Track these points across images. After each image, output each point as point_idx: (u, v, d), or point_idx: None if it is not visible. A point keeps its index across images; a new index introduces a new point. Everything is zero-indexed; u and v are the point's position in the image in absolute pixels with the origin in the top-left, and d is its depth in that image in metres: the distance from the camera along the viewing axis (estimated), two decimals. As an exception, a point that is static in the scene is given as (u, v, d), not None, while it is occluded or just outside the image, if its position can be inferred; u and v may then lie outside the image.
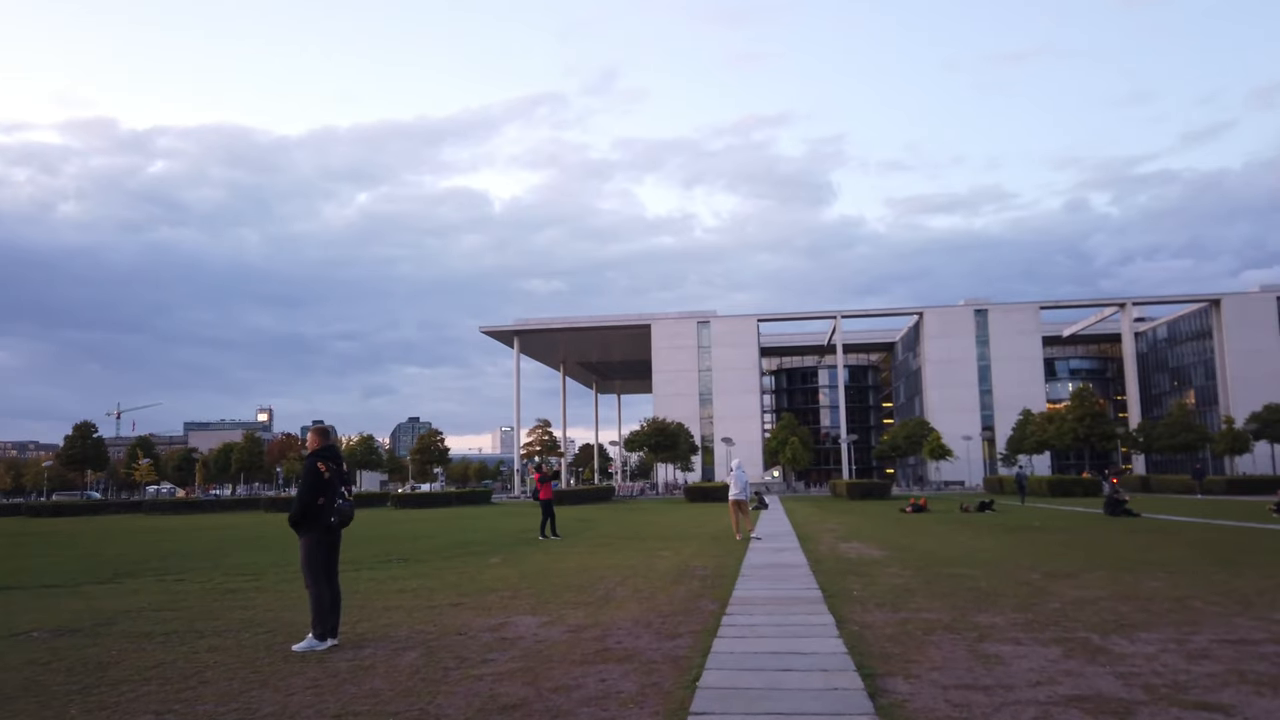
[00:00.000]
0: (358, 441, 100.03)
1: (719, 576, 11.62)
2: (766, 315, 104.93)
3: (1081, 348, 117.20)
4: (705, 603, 9.14)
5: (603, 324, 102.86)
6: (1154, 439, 76.75)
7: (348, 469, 7.61)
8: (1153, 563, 12.08)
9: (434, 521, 31.58)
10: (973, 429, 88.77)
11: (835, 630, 7.24)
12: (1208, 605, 8.07)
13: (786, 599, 9.31)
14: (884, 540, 17.65)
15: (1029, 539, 17.22)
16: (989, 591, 9.50)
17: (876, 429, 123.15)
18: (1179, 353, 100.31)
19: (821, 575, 11.42)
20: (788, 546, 16.44)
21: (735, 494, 19.02)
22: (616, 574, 12.14)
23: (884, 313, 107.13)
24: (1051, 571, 11.31)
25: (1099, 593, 9.21)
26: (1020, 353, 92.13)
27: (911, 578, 10.97)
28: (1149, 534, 17.96)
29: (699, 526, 24.03)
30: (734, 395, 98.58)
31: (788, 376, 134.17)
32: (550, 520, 20.29)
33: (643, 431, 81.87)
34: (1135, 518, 23.93)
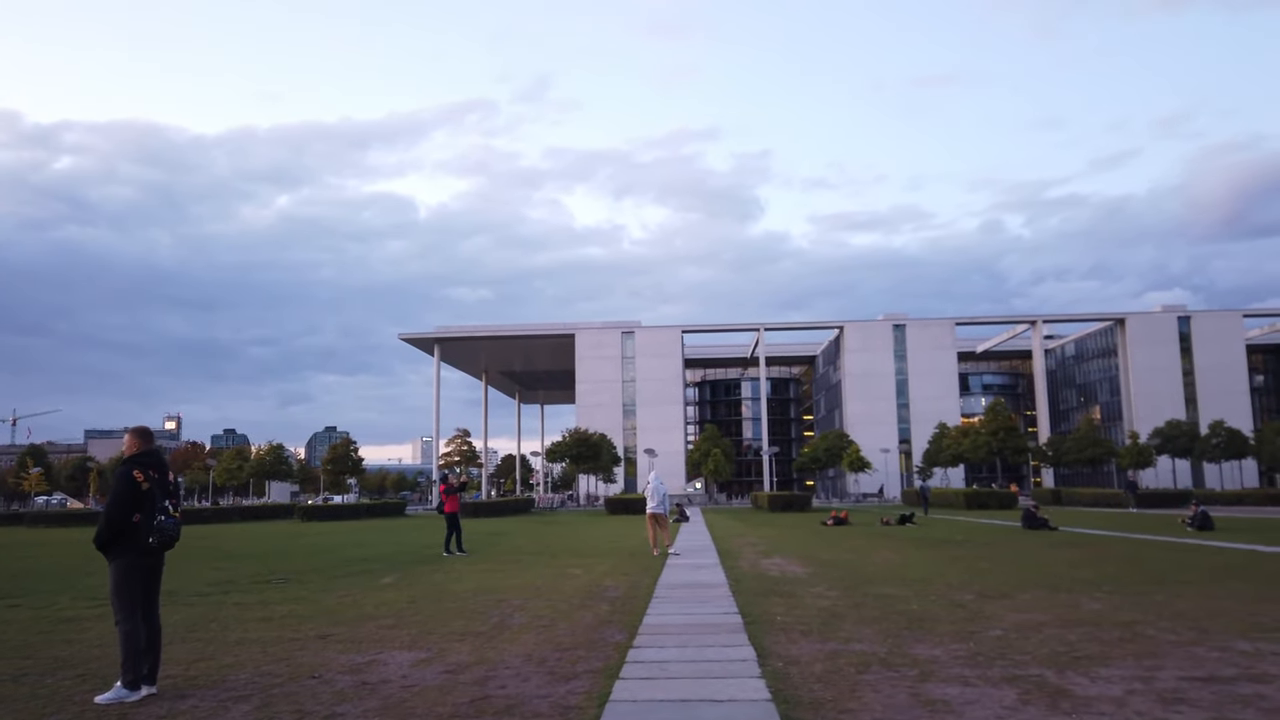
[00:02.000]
0: (266, 450, 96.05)
1: (631, 599, 10.57)
2: (691, 327, 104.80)
3: (994, 363, 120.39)
4: (611, 632, 8.08)
5: (526, 333, 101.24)
6: (1063, 453, 78.92)
7: (182, 482, 6.31)
8: (1085, 581, 11.50)
9: (338, 535, 29.76)
10: (891, 442, 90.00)
11: (757, 667, 6.26)
12: (1160, 633, 7.36)
13: (703, 626, 8.31)
14: (807, 555, 16.88)
15: (953, 554, 16.67)
16: (922, 615, 8.67)
17: (798, 441, 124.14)
18: (1086, 369, 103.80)
19: (742, 596, 10.48)
20: (707, 563, 15.51)
21: (653, 507, 18.05)
22: (518, 596, 10.98)
23: (806, 326, 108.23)
24: (984, 591, 10.60)
25: (1040, 616, 8.47)
26: (936, 367, 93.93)
27: (838, 599, 10.12)
28: (1071, 548, 17.62)
29: (616, 541, 22.97)
30: (657, 406, 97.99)
31: (711, 388, 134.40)
32: (456, 535, 18.95)
33: (564, 442, 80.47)
34: (1053, 531, 23.80)
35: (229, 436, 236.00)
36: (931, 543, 19.96)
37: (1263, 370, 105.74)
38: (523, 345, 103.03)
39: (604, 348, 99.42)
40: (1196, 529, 22.73)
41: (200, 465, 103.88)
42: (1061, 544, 18.81)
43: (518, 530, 30.68)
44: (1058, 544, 18.80)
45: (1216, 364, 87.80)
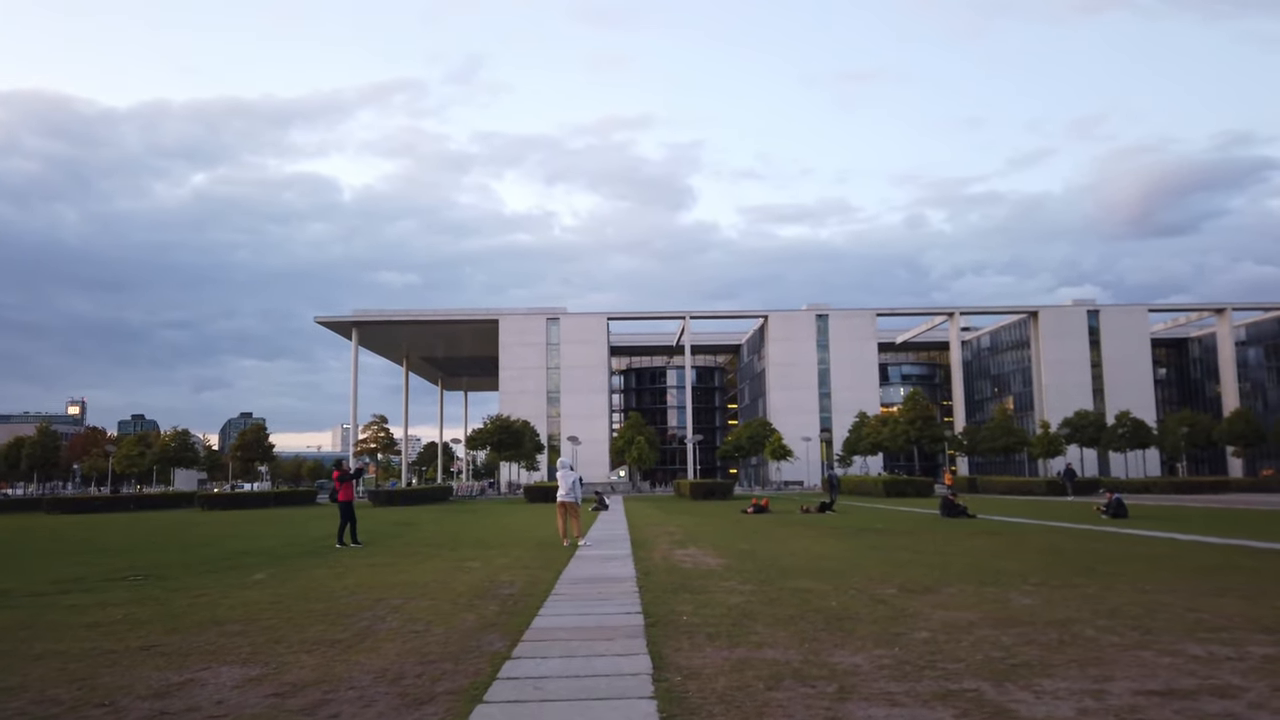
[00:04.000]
0: (170, 436, 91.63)
1: (525, 596, 9.53)
2: (616, 314, 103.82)
3: (913, 354, 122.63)
4: (492, 639, 7.02)
5: (448, 318, 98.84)
6: (978, 442, 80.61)
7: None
8: (1011, 573, 10.90)
9: (232, 525, 27.94)
10: (812, 430, 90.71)
11: (650, 684, 5.29)
12: (1101, 634, 6.66)
13: (598, 630, 7.32)
14: (723, 546, 16.08)
15: (873, 544, 16.07)
16: (842, 614, 7.85)
17: (722, 429, 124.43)
18: (1000, 361, 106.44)
19: (649, 593, 9.54)
20: (618, 554, 14.55)
21: (563, 495, 16.99)
22: (399, 595, 9.82)
23: (731, 315, 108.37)
24: (907, 585, 9.88)
25: (969, 615, 7.73)
26: (858, 357, 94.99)
27: (752, 594, 9.25)
28: (991, 537, 17.23)
29: (528, 530, 21.86)
30: (582, 394, 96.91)
31: (636, 376, 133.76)
32: (350, 526, 17.58)
33: (486, 429, 78.81)
34: (972, 519, 23.60)
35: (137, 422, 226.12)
36: (851, 531, 19.41)
37: (1165, 363, 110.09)
38: (445, 331, 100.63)
39: (528, 334, 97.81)
40: (1111, 516, 22.76)
41: (99, 452, 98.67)
42: (981, 532, 18.44)
43: (428, 520, 29.30)
44: (977, 532, 18.42)
45: (1123, 357, 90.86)
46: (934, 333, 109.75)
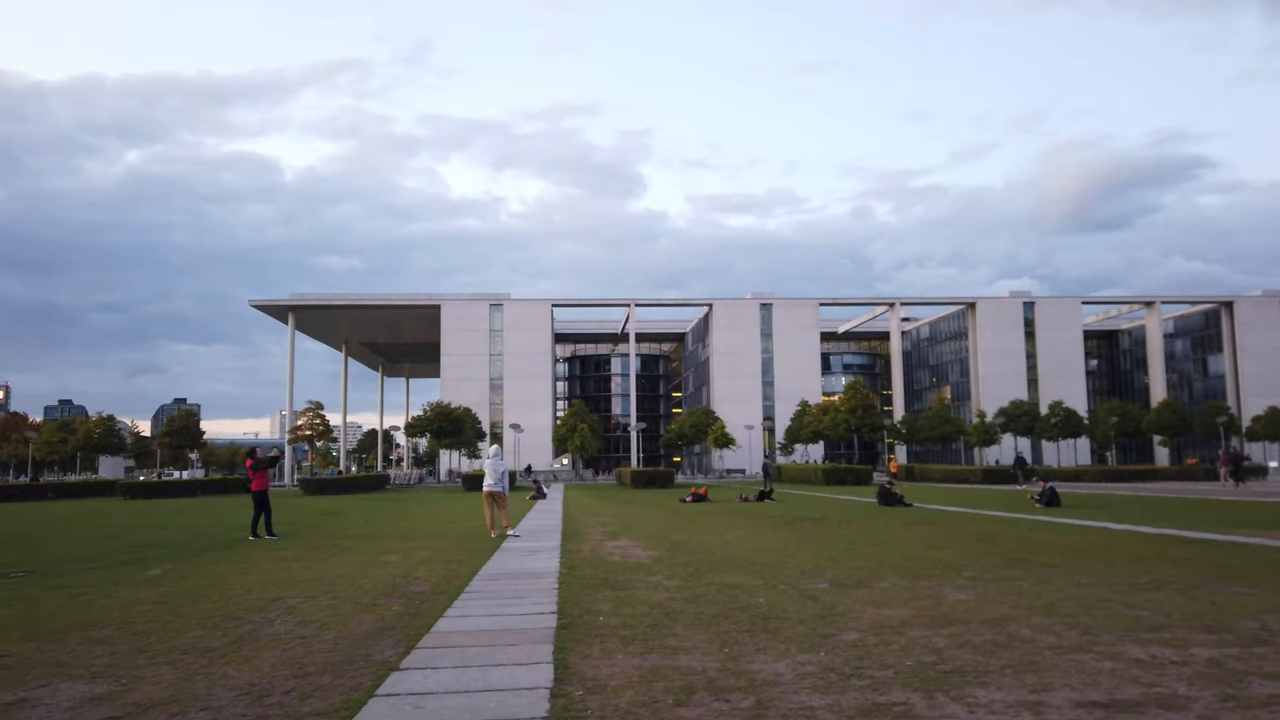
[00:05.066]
0: (96, 422, 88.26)
1: (436, 594, 8.89)
2: (561, 300, 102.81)
3: (855, 344, 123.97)
4: (384, 645, 6.38)
5: (389, 303, 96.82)
6: (916, 430, 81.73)
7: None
8: (946, 564, 10.58)
9: (149, 515, 26.62)
10: (755, 419, 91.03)
11: (546, 701, 4.72)
12: (1038, 634, 6.27)
13: (505, 633, 6.73)
14: (656, 536, 15.59)
15: (809, 534, 15.73)
16: (769, 613, 7.38)
17: (666, 418, 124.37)
18: (939, 351, 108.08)
19: (568, 590, 8.97)
20: (545, 546, 13.96)
21: (490, 485, 16.34)
22: (298, 594, 9.10)
23: (675, 303, 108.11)
24: (839, 579, 9.48)
25: (901, 612, 7.32)
26: (801, 347, 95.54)
27: (677, 591, 8.75)
28: (928, 526, 17.04)
29: (458, 521, 21.13)
30: (526, 381, 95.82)
31: (581, 364, 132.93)
32: (265, 516, 16.67)
33: (425, 416, 77.45)
34: (909, 508, 23.53)
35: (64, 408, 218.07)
36: (787, 521, 19.09)
37: (1097, 355, 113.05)
38: (386, 316, 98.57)
39: (471, 320, 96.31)
40: (1045, 505, 22.87)
41: (19, 438, 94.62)
42: (917, 522, 18.26)
43: (357, 510, 28.33)
44: (913, 522, 18.24)
45: (1057, 348, 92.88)
46: (875, 323, 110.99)
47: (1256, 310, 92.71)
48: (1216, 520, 17.45)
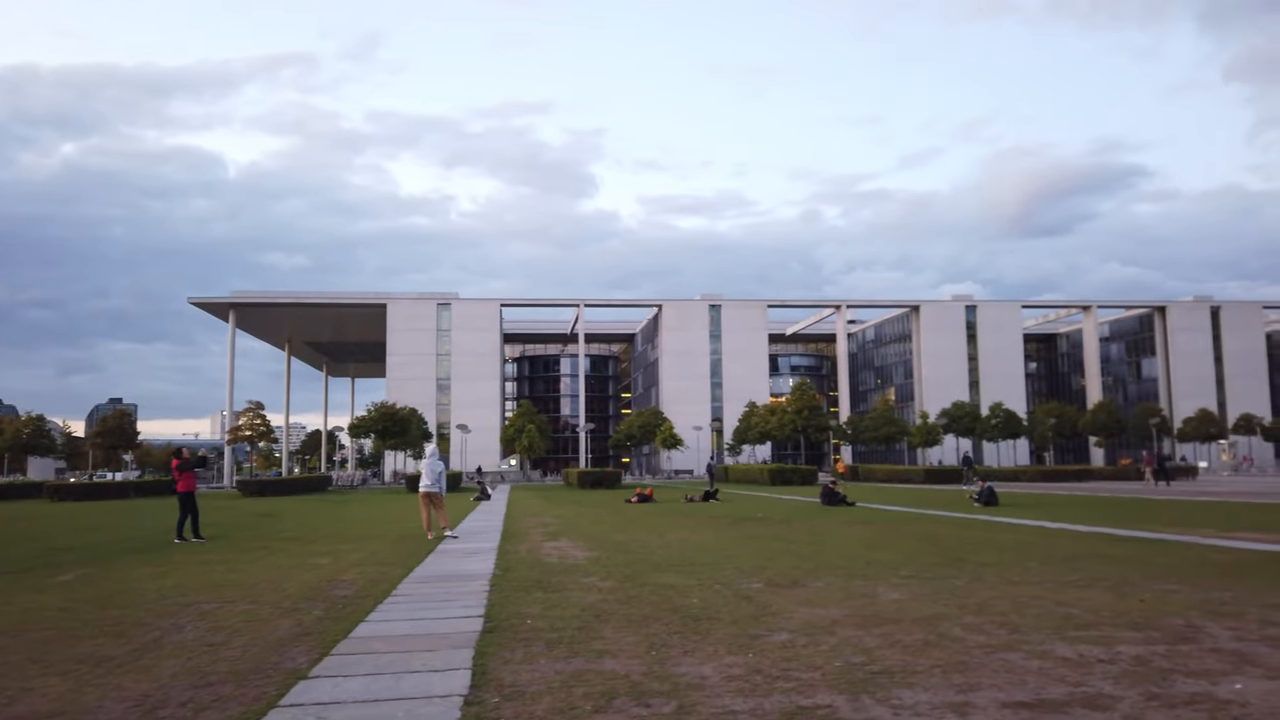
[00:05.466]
0: (24, 421, 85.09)
1: (361, 598, 8.58)
2: (510, 300, 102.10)
3: (803, 346, 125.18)
4: (296, 652, 6.08)
5: (333, 301, 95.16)
6: (861, 431, 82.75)
7: None
8: (883, 564, 10.57)
9: (75, 518, 25.60)
10: (704, 419, 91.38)
11: (457, 710, 4.49)
12: (968, 633, 6.22)
13: (426, 638, 6.48)
14: (597, 537, 15.40)
15: (750, 533, 15.68)
16: (701, 613, 7.23)
17: (615, 418, 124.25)
18: (884, 353, 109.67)
19: (500, 592, 8.73)
20: (483, 548, 13.67)
21: (427, 485, 15.97)
22: (215, 599, 8.71)
23: (625, 303, 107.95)
24: (776, 578, 9.38)
25: (834, 611, 7.23)
26: (749, 348, 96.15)
27: (611, 592, 8.57)
28: (867, 526, 17.12)
29: (398, 522, 20.67)
30: (473, 381, 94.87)
31: (530, 364, 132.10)
32: (192, 519, 16.10)
33: (369, 417, 76.14)
34: (851, 507, 23.67)
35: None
36: (730, 521, 19.04)
37: (1036, 357, 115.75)
38: (330, 314, 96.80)
39: (418, 319, 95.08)
40: (983, 504, 23.20)
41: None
42: (858, 521, 18.34)
43: (294, 511, 27.62)
44: (854, 521, 18.32)
45: (997, 350, 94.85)
46: (822, 325, 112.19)
47: (1188, 315, 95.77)
48: (1147, 519, 17.83)
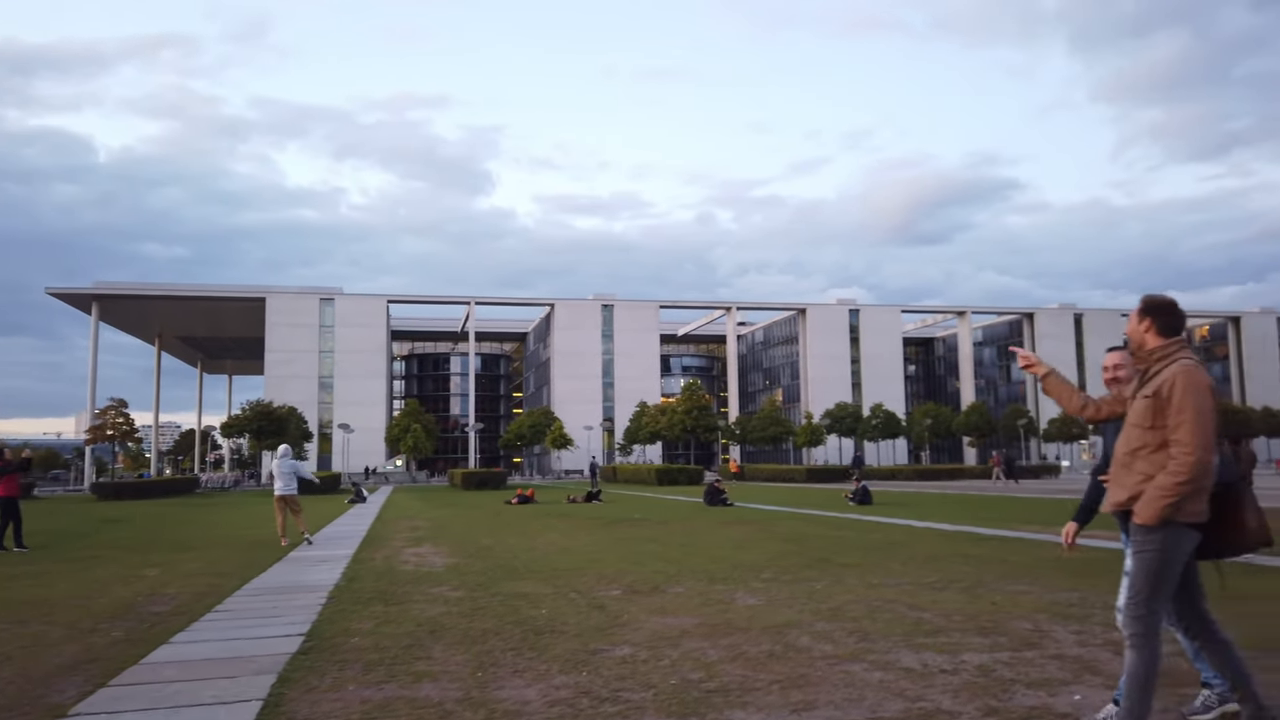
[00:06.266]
0: None
1: (177, 614, 7.75)
2: (397, 297, 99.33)
3: (694, 346, 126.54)
4: (66, 685, 5.30)
5: (208, 294, 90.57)
6: (748, 431, 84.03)
7: None
8: (747, 566, 10.35)
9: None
10: (595, 419, 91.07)
11: (226, 752, 3.89)
12: (817, 641, 5.96)
13: (230, 661, 5.79)
14: (464, 541, 14.75)
15: (623, 535, 15.33)
16: (546, 626, 6.77)
17: (507, 418, 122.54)
18: (772, 355, 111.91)
19: (335, 606, 8.05)
20: (337, 555, 12.85)
21: (280, 488, 14.99)
22: (6, 619, 7.71)
23: (516, 302, 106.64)
24: (636, 584, 9.01)
25: (686, 620, 6.89)
26: (641, 348, 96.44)
27: (457, 603, 8.01)
28: (744, 525, 17.03)
29: (255, 527, 19.42)
30: (359, 379, 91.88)
31: (419, 362, 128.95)
32: (15, 526, 14.62)
33: (244, 415, 72.59)
34: (730, 507, 23.68)
35: None
36: (605, 522, 18.66)
37: (915, 360, 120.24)
38: (206, 308, 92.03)
39: (300, 315, 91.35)
40: (858, 504, 23.57)
41: None
42: (733, 521, 18.26)
43: (148, 516, 25.77)
44: (730, 521, 18.23)
45: (879, 353, 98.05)
46: (713, 326, 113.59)
47: (1053, 322, 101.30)
48: (1009, 517, 18.37)
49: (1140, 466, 3.53)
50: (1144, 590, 3.47)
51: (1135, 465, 3.56)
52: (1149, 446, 3.52)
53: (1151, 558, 3.46)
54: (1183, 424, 3.41)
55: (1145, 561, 3.47)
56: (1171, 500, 3.39)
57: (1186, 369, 3.50)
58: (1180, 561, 3.50)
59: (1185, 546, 3.49)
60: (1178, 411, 3.43)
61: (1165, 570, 3.46)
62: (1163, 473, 3.43)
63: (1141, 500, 3.48)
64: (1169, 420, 3.45)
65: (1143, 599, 3.46)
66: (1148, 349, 3.64)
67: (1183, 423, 3.41)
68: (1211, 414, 3.43)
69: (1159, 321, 3.63)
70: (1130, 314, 3.78)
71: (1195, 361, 3.55)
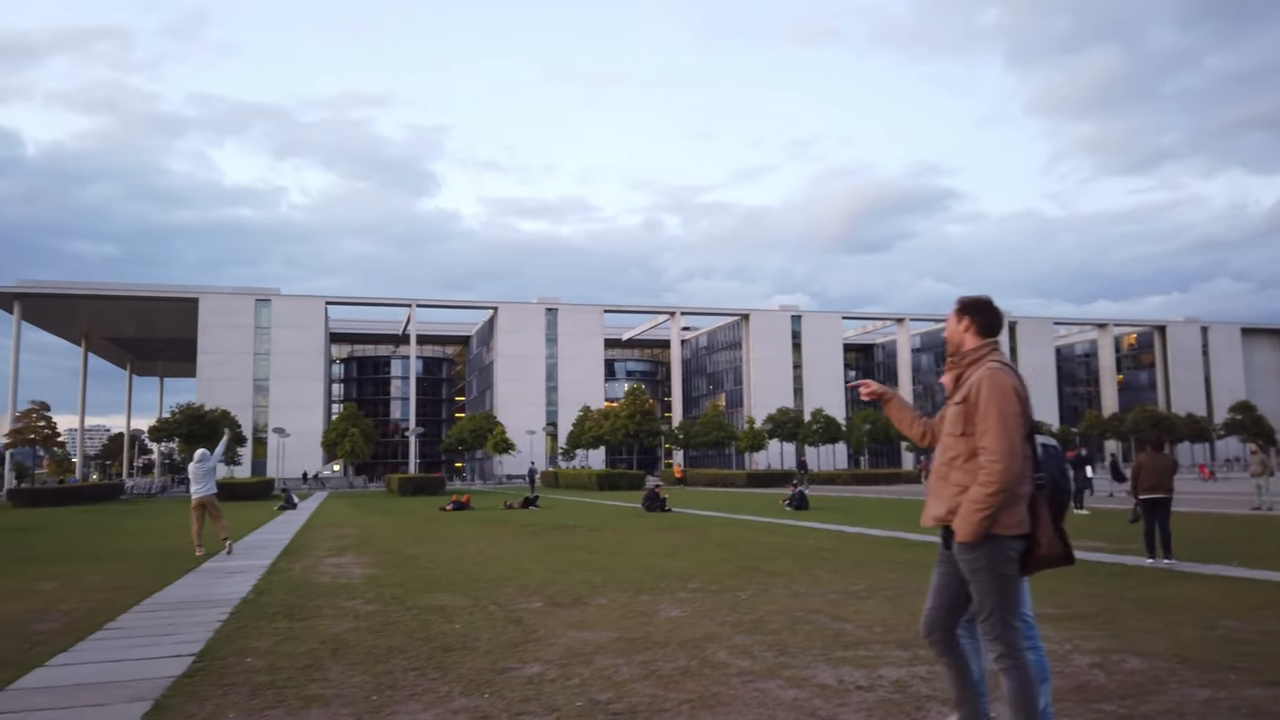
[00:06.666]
0: None
1: (63, 634, 7.25)
2: (337, 298, 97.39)
3: (639, 351, 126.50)
4: (-85, 715, 4.86)
5: (139, 294, 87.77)
6: (692, 436, 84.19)
7: None
8: (675, 575, 10.15)
9: None
10: (539, 424, 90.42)
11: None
12: (734, 656, 5.77)
13: (106, 687, 5.37)
14: (391, 550, 14.30)
15: (555, 543, 15.03)
16: (456, 642, 6.46)
17: (449, 422, 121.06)
18: (716, 359, 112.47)
19: (236, 621, 7.62)
20: (253, 566, 12.30)
21: (198, 492, 14.36)
22: None
23: (459, 305, 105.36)
24: (559, 595, 8.74)
25: (605, 634, 6.65)
26: (585, 352, 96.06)
27: (368, 618, 7.65)
28: (678, 531, 16.86)
29: (172, 536, 18.60)
30: (295, 382, 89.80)
31: (359, 365, 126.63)
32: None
33: (173, 419, 70.37)
34: (668, 513, 23.52)
35: None
36: (540, 529, 18.33)
37: (855, 366, 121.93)
38: (136, 308, 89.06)
39: (234, 315, 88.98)
40: (794, 509, 23.60)
41: None
42: (669, 527, 18.08)
43: (62, 524, 24.63)
44: (665, 527, 18.05)
45: (820, 358, 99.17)
46: (658, 331, 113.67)
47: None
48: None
49: (956, 477, 3.34)
50: (995, 609, 3.25)
51: (951, 476, 3.36)
52: (962, 455, 3.32)
53: (985, 575, 3.26)
54: (988, 430, 3.22)
55: (982, 580, 3.27)
56: (985, 512, 3.19)
57: (991, 371, 3.32)
58: (1014, 570, 3.29)
59: (1012, 556, 3.28)
60: (983, 417, 3.25)
61: (1004, 583, 3.26)
62: (974, 484, 3.24)
63: (958, 516, 3.28)
64: (976, 427, 3.27)
65: (996, 618, 3.25)
66: (964, 350, 3.48)
67: (988, 429, 3.22)
68: (1017, 418, 3.23)
69: (978, 321, 3.48)
70: (949, 315, 3.61)
71: (1002, 364, 3.37)
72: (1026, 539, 3.29)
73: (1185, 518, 17.42)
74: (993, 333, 3.48)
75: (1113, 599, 7.98)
